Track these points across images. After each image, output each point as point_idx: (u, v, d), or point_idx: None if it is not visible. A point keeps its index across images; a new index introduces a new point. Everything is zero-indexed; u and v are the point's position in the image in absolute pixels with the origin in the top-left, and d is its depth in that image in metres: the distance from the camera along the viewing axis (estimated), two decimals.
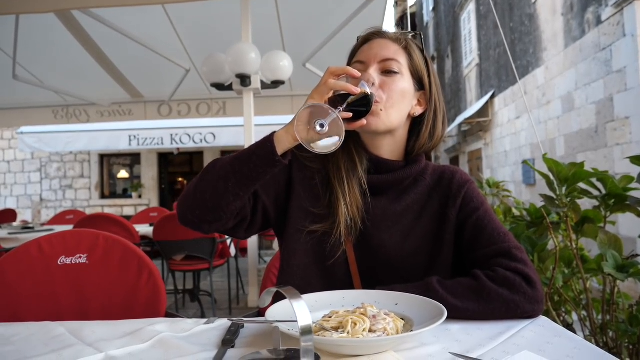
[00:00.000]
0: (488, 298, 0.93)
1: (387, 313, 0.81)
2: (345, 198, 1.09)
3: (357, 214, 1.09)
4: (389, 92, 1.07)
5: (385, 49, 1.10)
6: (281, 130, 0.99)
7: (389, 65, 1.09)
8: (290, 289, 0.57)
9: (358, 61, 1.12)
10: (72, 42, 5.02)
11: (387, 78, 1.08)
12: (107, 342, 0.86)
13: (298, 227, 1.13)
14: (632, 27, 5.20)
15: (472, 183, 1.19)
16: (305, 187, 1.16)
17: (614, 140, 5.64)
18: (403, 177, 1.14)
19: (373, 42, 1.13)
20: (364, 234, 1.11)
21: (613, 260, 1.47)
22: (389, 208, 1.13)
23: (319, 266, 1.11)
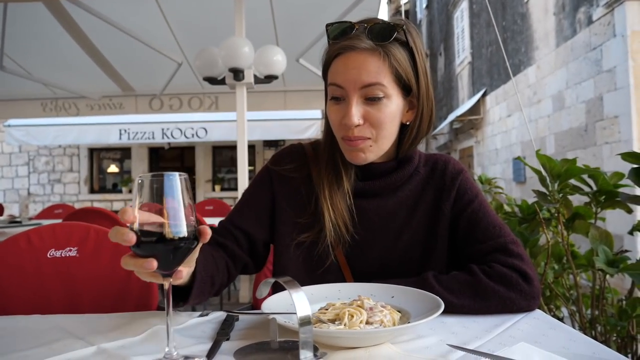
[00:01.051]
0: (484, 295, 0.93)
1: (383, 305, 0.81)
2: (330, 212, 1.05)
3: (343, 225, 1.06)
4: (377, 125, 1.00)
5: (364, 71, 0.97)
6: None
7: (372, 92, 0.98)
8: (289, 280, 0.57)
9: (335, 84, 1.01)
10: (61, 34, 4.95)
11: (372, 108, 0.99)
12: (99, 335, 0.85)
13: (287, 243, 1.11)
14: (622, 28, 5.24)
15: (465, 172, 1.15)
16: (290, 200, 1.13)
17: (603, 138, 5.70)
18: (397, 179, 1.10)
19: (348, 59, 0.98)
20: (355, 240, 1.08)
21: (604, 255, 1.48)
22: (381, 208, 1.10)
23: (311, 276, 1.08)
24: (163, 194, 0.63)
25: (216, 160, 12.70)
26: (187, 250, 0.67)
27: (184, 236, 0.65)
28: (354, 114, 0.98)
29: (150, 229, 0.63)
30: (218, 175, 12.60)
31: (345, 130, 1.01)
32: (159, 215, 0.64)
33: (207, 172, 12.50)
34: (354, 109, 0.98)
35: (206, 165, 12.51)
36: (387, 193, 1.11)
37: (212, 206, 5.53)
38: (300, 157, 1.17)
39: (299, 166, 1.15)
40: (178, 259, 0.67)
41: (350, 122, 0.98)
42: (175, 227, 0.64)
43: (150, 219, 0.63)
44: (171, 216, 0.63)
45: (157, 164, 13.22)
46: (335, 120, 1.03)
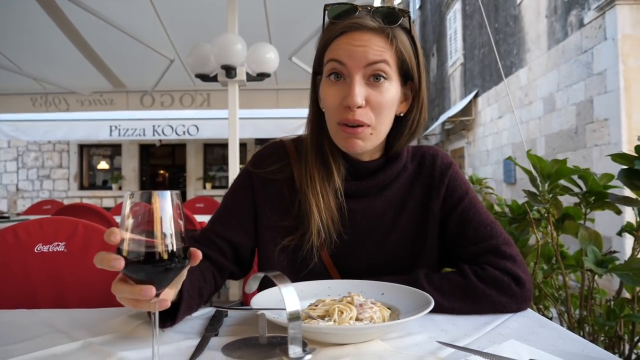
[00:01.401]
0: (475, 298, 0.92)
1: (373, 302, 0.81)
2: (320, 210, 1.00)
3: (332, 225, 1.01)
4: (378, 110, 0.95)
5: (370, 49, 0.92)
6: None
7: (376, 70, 0.93)
8: (279, 275, 0.56)
9: (336, 60, 0.94)
10: (52, 28, 4.90)
11: (375, 90, 0.94)
12: (85, 330, 0.84)
13: (270, 248, 1.06)
14: (613, 31, 5.29)
15: (454, 166, 1.11)
16: (272, 203, 1.08)
17: (593, 141, 5.74)
18: (385, 178, 1.06)
19: (353, 37, 0.94)
20: (342, 241, 1.04)
21: (593, 256, 1.49)
22: (369, 208, 1.06)
23: (296, 279, 1.03)
24: (153, 213, 0.60)
25: (207, 158, 12.65)
26: (178, 271, 0.64)
27: (175, 256, 0.62)
28: (357, 94, 0.92)
29: (140, 249, 0.60)
30: (209, 173, 12.56)
31: (345, 113, 0.95)
32: (149, 227, 0.61)
33: (198, 169, 12.45)
34: (357, 88, 0.92)
35: (197, 162, 12.46)
36: (374, 193, 1.07)
37: (202, 204, 5.51)
38: (282, 157, 1.11)
39: (281, 167, 1.09)
40: (168, 279, 0.64)
41: (354, 102, 0.92)
42: (167, 246, 0.61)
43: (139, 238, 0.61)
44: (163, 236, 0.61)
45: (147, 161, 13.15)
46: (333, 102, 0.96)
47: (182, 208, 0.63)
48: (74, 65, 5.89)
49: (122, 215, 0.60)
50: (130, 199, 0.60)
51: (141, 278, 0.62)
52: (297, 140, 1.15)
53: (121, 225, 0.61)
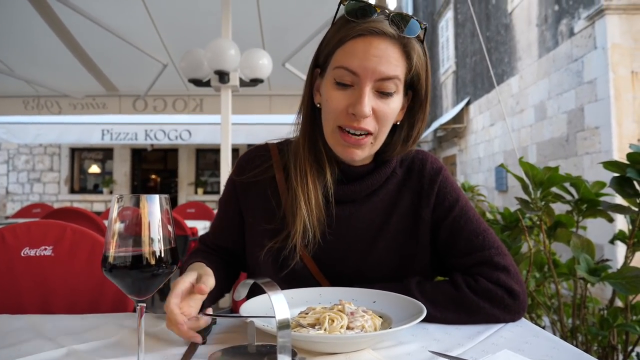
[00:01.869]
0: (468, 310, 0.90)
1: (365, 310, 0.79)
2: (309, 206, 0.97)
3: (317, 226, 0.98)
4: (382, 120, 0.93)
5: (385, 62, 0.89)
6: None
7: (386, 87, 0.91)
8: (269, 282, 0.55)
9: (347, 69, 0.91)
10: (45, 31, 4.86)
11: (382, 102, 0.92)
12: (70, 336, 0.82)
13: (256, 252, 1.05)
14: (603, 40, 5.34)
15: (445, 171, 1.08)
16: (255, 208, 1.07)
17: (584, 149, 5.78)
18: (372, 183, 1.03)
19: (371, 44, 0.90)
20: (326, 245, 1.01)
21: (586, 264, 1.49)
22: (354, 215, 1.03)
23: (283, 286, 0.99)
24: (141, 218, 0.59)
25: (199, 163, 12.60)
26: (165, 276, 0.63)
27: (162, 262, 0.61)
28: (366, 104, 0.90)
29: (128, 254, 0.59)
30: (201, 178, 12.50)
31: (349, 120, 0.92)
32: (137, 231, 0.60)
33: (190, 174, 12.40)
34: (367, 98, 0.90)
35: (189, 167, 12.41)
36: (361, 199, 1.04)
37: (193, 209, 5.48)
38: (265, 159, 1.10)
39: (264, 169, 1.08)
40: (155, 285, 0.63)
41: (362, 113, 0.89)
42: (154, 252, 0.60)
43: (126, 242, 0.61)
44: (151, 241, 0.59)
45: (139, 165, 13.07)
46: (338, 107, 0.93)
47: (171, 212, 0.62)
48: (67, 69, 5.85)
49: (110, 219, 0.59)
50: (118, 202, 0.59)
51: (128, 284, 0.60)
52: (282, 143, 1.12)
53: (108, 229, 0.59)
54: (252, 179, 1.07)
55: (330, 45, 0.96)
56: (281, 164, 1.07)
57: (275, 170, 1.06)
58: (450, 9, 12.07)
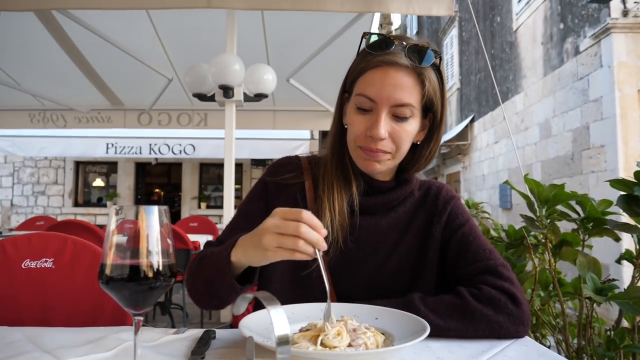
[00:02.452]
0: (472, 318, 0.90)
1: (367, 327, 0.78)
2: (333, 215, 1.04)
3: (341, 231, 1.05)
4: (399, 142, 1.02)
5: (399, 90, 0.99)
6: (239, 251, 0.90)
7: (401, 112, 1.00)
8: (268, 296, 0.53)
9: (366, 96, 1.01)
10: (52, 45, 4.92)
11: (398, 125, 1.01)
12: (67, 349, 0.80)
13: None
14: (609, 59, 5.35)
15: (458, 199, 1.17)
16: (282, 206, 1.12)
17: (589, 167, 5.76)
18: (393, 198, 1.11)
19: (387, 74, 1.00)
20: (346, 254, 1.07)
21: (592, 283, 1.46)
22: (374, 227, 1.10)
23: (295, 291, 1.07)
24: (140, 229, 0.58)
25: (203, 178, 12.61)
26: (163, 289, 0.61)
27: (160, 275, 0.59)
28: (381, 127, 0.99)
29: (126, 266, 0.58)
30: (204, 193, 12.51)
31: (368, 142, 1.02)
32: (135, 243, 0.59)
33: (193, 189, 12.40)
34: (382, 122, 0.99)
35: (193, 182, 12.42)
36: (381, 212, 1.12)
37: (196, 223, 5.47)
38: (296, 167, 1.17)
39: (296, 175, 1.15)
40: (153, 298, 0.61)
41: (378, 136, 0.99)
42: (152, 264, 0.59)
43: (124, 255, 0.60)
44: (149, 253, 0.58)
45: (143, 179, 13.10)
46: (358, 130, 1.03)
47: (170, 225, 0.61)
48: (73, 83, 5.90)
49: (107, 231, 0.58)
50: (116, 214, 0.58)
51: (125, 296, 0.59)
52: (311, 157, 1.21)
53: (106, 240, 0.58)
54: (284, 181, 1.13)
55: (354, 74, 1.06)
56: (310, 175, 1.14)
57: (305, 178, 1.14)
58: (455, 27, 12.15)
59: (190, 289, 1.03)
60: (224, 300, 0.95)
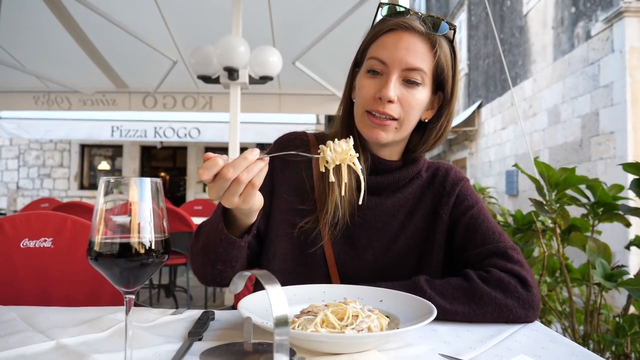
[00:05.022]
0: (480, 301, 0.87)
1: (370, 309, 0.75)
2: (341, 188, 1.01)
3: (348, 207, 1.03)
4: (407, 108, 0.99)
5: (412, 54, 0.98)
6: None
7: (412, 76, 0.98)
8: (266, 274, 0.50)
9: (378, 59, 0.99)
10: (56, 27, 4.87)
11: (407, 91, 0.99)
12: (61, 329, 0.78)
13: (280, 229, 1.07)
14: (620, 43, 5.24)
15: (467, 181, 1.13)
16: (289, 186, 1.10)
17: (598, 154, 5.68)
18: (400, 178, 1.08)
19: (400, 38, 0.99)
20: (351, 235, 1.05)
21: (602, 269, 1.43)
22: (380, 207, 1.07)
23: (298, 269, 1.05)
24: (131, 202, 0.55)
25: None
26: (156, 266, 0.58)
27: (152, 250, 0.56)
28: (391, 88, 0.97)
29: (115, 241, 0.55)
30: None
31: (376, 104, 0.99)
32: (126, 222, 0.56)
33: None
34: (392, 84, 0.97)
35: (198, 166, 12.41)
36: (387, 192, 1.09)
37: (201, 206, 5.46)
38: (304, 143, 1.14)
39: (303, 151, 1.08)
40: (146, 275, 0.58)
41: (387, 96, 0.96)
42: (144, 239, 0.55)
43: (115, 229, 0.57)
44: (140, 228, 0.55)
45: (149, 162, 13.12)
46: (367, 93, 1.01)
47: (163, 198, 0.58)
48: (77, 65, 5.85)
49: (96, 204, 0.55)
50: (106, 187, 0.55)
51: (115, 273, 0.56)
52: (318, 134, 1.18)
53: (95, 214, 0.55)
54: (291, 157, 1.09)
55: (366, 42, 1.06)
56: (317, 150, 1.08)
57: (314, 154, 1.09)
58: (463, 11, 11.98)
59: (192, 263, 1.01)
60: (225, 264, 0.93)
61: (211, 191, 0.76)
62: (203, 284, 1.03)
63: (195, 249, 0.98)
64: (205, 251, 0.93)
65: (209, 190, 0.76)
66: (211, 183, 0.75)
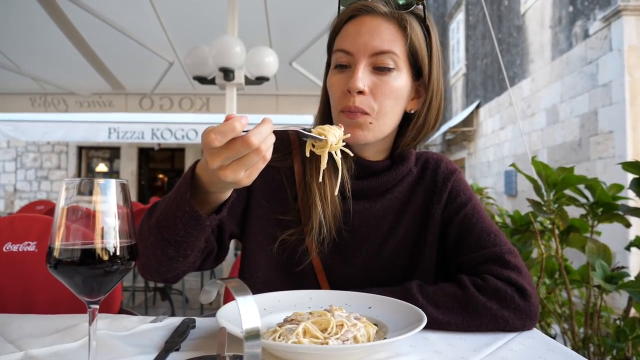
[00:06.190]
0: (474, 312, 0.82)
1: (357, 317, 0.71)
2: (324, 203, 0.93)
3: (333, 222, 0.94)
4: (382, 99, 0.89)
5: (377, 37, 0.88)
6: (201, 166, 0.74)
7: (382, 61, 0.89)
8: (237, 282, 0.47)
9: (342, 50, 0.91)
10: (52, 28, 4.83)
11: (380, 79, 0.89)
12: (33, 339, 0.74)
13: (260, 240, 0.98)
14: (619, 42, 5.21)
15: (459, 173, 1.05)
16: (268, 193, 1.00)
17: (597, 154, 5.65)
18: (388, 180, 0.99)
19: (362, 23, 0.90)
20: (338, 246, 0.97)
21: (602, 271, 1.39)
22: (368, 211, 0.99)
23: (284, 279, 0.97)
24: (95, 205, 0.51)
25: None
26: (121, 274, 0.54)
27: (117, 257, 0.52)
28: (359, 78, 0.88)
29: (76, 247, 0.51)
30: None
31: (346, 100, 0.90)
32: (88, 222, 0.52)
33: None
34: (360, 73, 0.88)
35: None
36: (375, 195, 1.00)
37: None
38: (284, 145, 1.03)
39: (283, 155, 1.02)
40: (110, 284, 0.54)
41: (354, 86, 0.87)
42: (108, 245, 0.51)
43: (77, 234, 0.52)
44: (104, 233, 0.51)
45: (146, 164, 13.07)
46: (336, 90, 0.93)
47: (130, 201, 0.54)
48: (74, 66, 5.82)
49: (57, 208, 0.51)
50: (67, 188, 0.51)
51: (77, 282, 0.52)
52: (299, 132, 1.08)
53: (55, 217, 0.51)
54: (270, 163, 0.96)
55: (330, 38, 0.98)
56: (300, 154, 1.02)
57: (295, 159, 1.02)
58: (461, 11, 11.95)
59: (138, 245, 0.87)
60: (178, 248, 0.79)
61: (215, 158, 0.64)
62: (144, 275, 0.89)
63: (146, 226, 0.83)
64: (159, 228, 0.79)
65: (211, 156, 0.64)
66: (221, 148, 0.63)
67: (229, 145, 0.63)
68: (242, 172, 0.67)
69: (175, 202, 0.76)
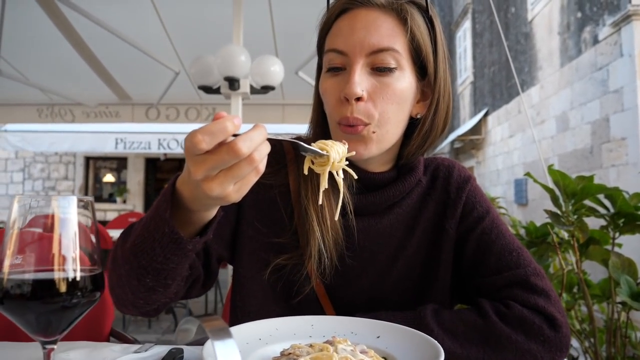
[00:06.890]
0: (497, 344, 0.72)
1: (364, 350, 0.62)
2: (324, 228, 0.82)
3: (335, 249, 0.84)
4: (384, 105, 0.78)
5: (374, 32, 0.77)
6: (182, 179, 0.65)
7: (382, 60, 0.77)
8: (215, 321, 0.39)
9: (335, 50, 0.80)
10: (59, 39, 4.84)
11: (380, 81, 0.78)
12: None
13: (252, 265, 0.88)
14: (629, 47, 5.11)
15: (474, 181, 0.94)
16: (261, 213, 0.90)
17: (610, 161, 5.53)
18: (395, 194, 0.88)
19: (356, 17, 0.79)
20: (341, 266, 0.86)
21: (628, 287, 1.30)
22: (374, 228, 0.89)
23: (283, 308, 0.87)
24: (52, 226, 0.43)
25: None
26: (84, 307, 0.46)
27: (78, 288, 0.45)
28: (356, 82, 0.76)
29: (28, 277, 0.44)
30: None
31: (344, 109, 0.79)
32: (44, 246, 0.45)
33: None
34: (357, 76, 0.77)
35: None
36: (381, 210, 0.89)
37: None
38: (278, 158, 0.91)
39: (276, 170, 0.90)
40: (69, 319, 0.46)
41: (352, 92, 0.76)
42: (67, 274, 0.44)
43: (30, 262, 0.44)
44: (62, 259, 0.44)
45: (154, 174, 13.07)
46: (331, 98, 0.81)
47: (95, 221, 0.46)
48: (80, 77, 5.84)
49: (7, 228, 0.43)
50: (19, 204, 0.43)
51: (28, 320, 0.44)
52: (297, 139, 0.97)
53: (5, 240, 0.43)
54: (261, 179, 0.87)
55: (320, 36, 0.86)
56: (296, 169, 0.90)
57: (290, 174, 0.90)
58: (468, 19, 11.90)
59: (110, 275, 0.74)
60: (157, 278, 0.68)
61: (199, 167, 0.54)
62: (119, 309, 0.78)
63: (120, 251, 0.72)
64: (135, 253, 0.67)
65: (196, 165, 0.54)
66: (206, 155, 0.54)
67: (216, 150, 0.53)
68: (230, 186, 0.57)
69: (153, 222, 0.65)
